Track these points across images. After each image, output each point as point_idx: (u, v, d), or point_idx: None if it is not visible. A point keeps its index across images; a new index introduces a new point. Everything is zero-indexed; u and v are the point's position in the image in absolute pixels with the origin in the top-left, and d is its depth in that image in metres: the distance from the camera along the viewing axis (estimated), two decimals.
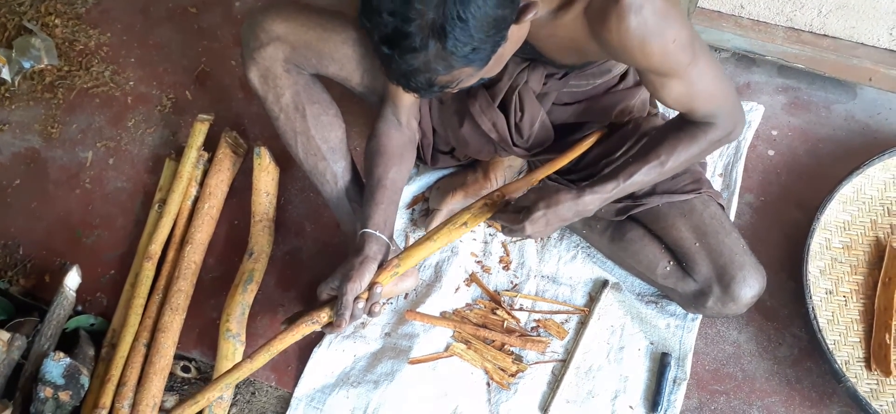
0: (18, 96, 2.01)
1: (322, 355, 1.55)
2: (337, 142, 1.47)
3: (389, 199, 1.34)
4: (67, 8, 2.15)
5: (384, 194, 1.33)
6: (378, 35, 0.93)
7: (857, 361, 1.45)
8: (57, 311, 1.56)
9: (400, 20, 0.90)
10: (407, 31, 0.91)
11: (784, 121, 1.78)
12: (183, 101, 1.97)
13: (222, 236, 1.74)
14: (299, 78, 1.42)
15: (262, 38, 1.37)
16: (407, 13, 0.90)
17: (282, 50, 1.38)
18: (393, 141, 1.39)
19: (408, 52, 0.93)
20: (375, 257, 1.26)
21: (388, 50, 0.94)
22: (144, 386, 1.48)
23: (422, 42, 0.92)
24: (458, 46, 0.92)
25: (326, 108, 1.46)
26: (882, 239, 1.55)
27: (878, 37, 1.67)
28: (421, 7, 0.89)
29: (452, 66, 0.95)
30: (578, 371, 1.50)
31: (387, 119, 1.40)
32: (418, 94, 1.03)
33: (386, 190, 1.34)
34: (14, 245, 1.78)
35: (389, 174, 1.35)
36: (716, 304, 1.40)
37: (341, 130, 1.48)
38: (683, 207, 1.41)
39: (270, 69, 1.39)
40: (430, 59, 0.94)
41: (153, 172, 1.84)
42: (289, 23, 1.37)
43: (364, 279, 1.22)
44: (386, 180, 1.34)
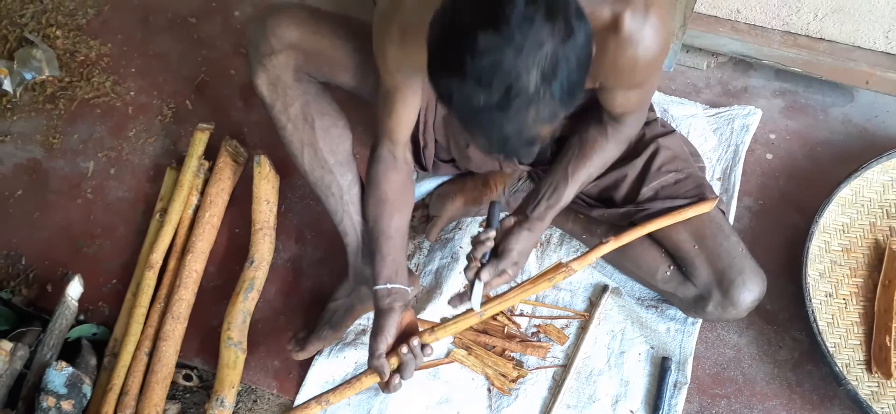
0: (20, 107, 2.02)
1: (323, 363, 1.55)
2: (344, 155, 1.45)
3: (397, 247, 1.35)
4: (68, 19, 2.17)
5: (391, 245, 1.34)
6: (483, 101, 0.86)
7: (858, 363, 1.45)
8: (59, 320, 1.57)
9: (511, 79, 0.84)
10: (518, 90, 0.84)
11: (782, 124, 1.78)
12: (183, 110, 1.98)
13: (223, 245, 1.74)
14: (309, 87, 1.39)
15: (274, 45, 1.33)
16: (515, 71, 0.83)
17: (294, 58, 1.35)
18: (393, 184, 1.37)
19: (519, 112, 0.86)
20: (392, 307, 1.28)
21: (499, 113, 0.86)
22: (146, 395, 1.49)
23: (534, 96, 0.85)
24: (565, 93, 0.88)
25: (336, 120, 1.44)
26: (881, 241, 1.55)
27: (875, 40, 1.68)
28: (528, 61, 0.83)
29: (557, 115, 0.89)
30: (579, 376, 1.50)
31: (384, 159, 1.36)
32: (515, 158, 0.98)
33: (391, 239, 1.34)
34: (16, 255, 1.78)
35: (393, 223, 1.35)
36: (716, 308, 1.40)
37: (349, 142, 1.46)
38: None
39: (280, 77, 1.36)
40: (541, 112, 0.87)
41: (154, 182, 1.85)
42: (302, 30, 1.33)
43: (389, 333, 1.25)
44: (390, 230, 1.34)
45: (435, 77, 0.90)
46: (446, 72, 0.87)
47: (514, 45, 0.82)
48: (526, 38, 0.82)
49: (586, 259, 1.31)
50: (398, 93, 1.26)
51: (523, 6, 0.82)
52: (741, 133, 1.74)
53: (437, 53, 0.89)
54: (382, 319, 1.27)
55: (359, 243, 1.50)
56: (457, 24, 0.85)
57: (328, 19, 1.35)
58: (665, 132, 1.52)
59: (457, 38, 0.85)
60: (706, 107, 1.81)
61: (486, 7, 0.83)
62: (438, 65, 0.89)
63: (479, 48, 0.83)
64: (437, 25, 0.89)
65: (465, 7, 0.85)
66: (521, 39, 0.82)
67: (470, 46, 0.83)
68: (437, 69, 0.89)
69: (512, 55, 0.83)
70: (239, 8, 2.15)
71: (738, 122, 1.76)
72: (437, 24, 0.89)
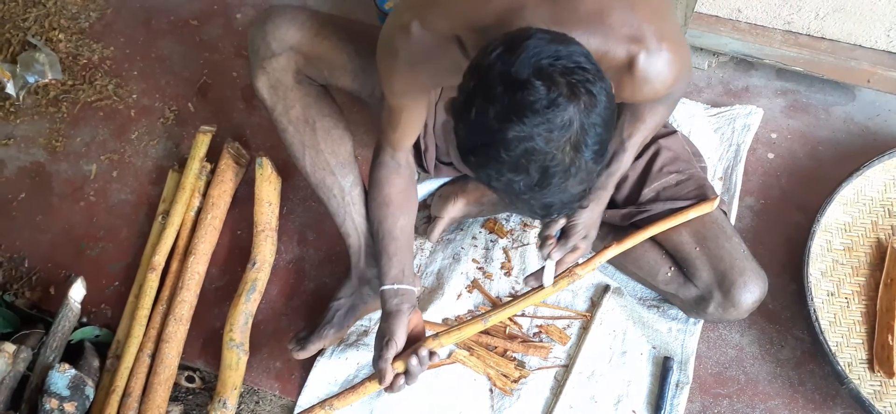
0: (23, 111, 2.03)
1: (325, 364, 1.55)
2: (346, 156, 1.46)
3: (403, 248, 1.35)
4: (71, 23, 2.17)
5: (397, 246, 1.34)
6: (523, 185, 0.88)
7: (860, 362, 1.45)
8: (62, 323, 1.57)
9: (546, 161, 0.85)
10: (555, 168, 0.86)
11: (783, 124, 1.78)
12: (185, 113, 1.98)
13: (225, 246, 1.75)
14: (310, 89, 1.40)
15: (274, 48, 1.33)
16: (550, 153, 0.85)
17: (295, 61, 1.35)
18: (396, 188, 1.37)
19: (558, 185, 0.88)
20: (400, 308, 1.28)
21: (539, 191, 0.89)
22: (149, 396, 1.49)
23: (569, 167, 0.87)
24: (597, 155, 0.89)
25: (336, 121, 1.44)
26: (883, 240, 1.55)
27: (876, 39, 1.68)
28: (560, 141, 0.85)
29: (592, 173, 0.91)
30: (581, 376, 1.50)
31: (386, 165, 1.37)
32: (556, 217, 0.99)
33: (397, 241, 1.35)
34: (19, 258, 1.79)
35: (398, 224, 1.36)
36: (717, 309, 1.40)
37: (350, 144, 1.47)
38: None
39: (281, 80, 1.36)
40: (578, 177, 0.89)
41: (156, 184, 1.86)
42: (303, 32, 1.33)
43: (399, 338, 1.25)
44: (396, 231, 1.35)
45: (471, 166, 0.91)
46: (482, 163, 0.89)
47: (543, 131, 0.83)
48: (554, 122, 0.83)
49: (591, 264, 1.31)
50: (404, 112, 1.27)
51: (546, 92, 0.83)
52: (743, 132, 1.74)
53: (468, 147, 0.89)
54: (391, 321, 1.27)
55: (361, 244, 1.50)
56: (484, 122, 0.85)
57: (329, 22, 1.36)
58: (666, 133, 1.52)
59: (486, 134, 0.86)
60: (707, 106, 1.81)
61: (508, 100, 0.84)
62: (472, 157, 0.89)
63: (511, 140, 0.84)
64: (461, 122, 0.89)
65: (487, 103, 0.85)
66: (549, 124, 0.83)
67: (502, 140, 0.84)
68: (472, 161, 0.90)
69: (543, 141, 0.84)
70: (241, 11, 2.15)
71: (739, 121, 1.76)
72: (461, 120, 0.89)
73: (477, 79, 0.87)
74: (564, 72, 0.84)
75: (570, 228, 1.31)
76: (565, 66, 0.84)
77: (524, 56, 0.84)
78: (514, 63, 0.84)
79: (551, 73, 0.83)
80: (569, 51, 0.86)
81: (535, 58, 0.84)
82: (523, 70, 0.83)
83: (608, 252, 1.32)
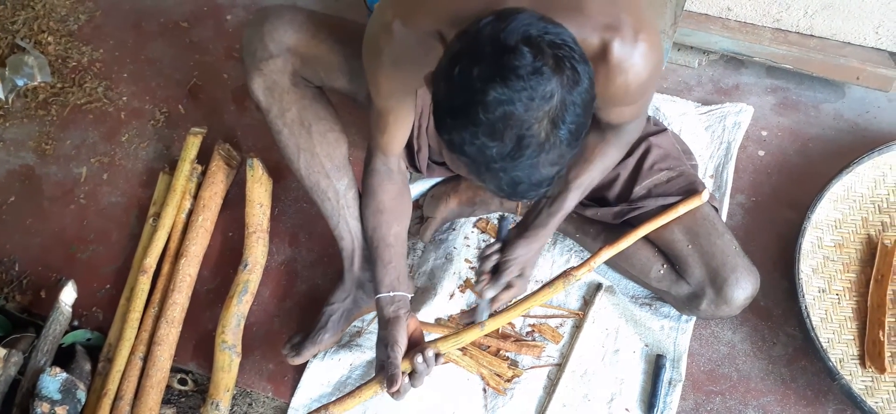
0: (12, 114, 2.02)
1: (318, 365, 1.55)
2: (341, 159, 1.45)
3: (398, 255, 1.35)
4: (60, 25, 2.16)
5: (391, 252, 1.34)
6: (495, 152, 0.87)
7: (852, 358, 1.46)
8: (53, 326, 1.56)
9: (523, 130, 0.85)
10: (529, 139, 0.86)
11: (773, 121, 1.79)
12: (176, 115, 1.97)
13: (217, 248, 1.74)
14: (306, 92, 1.39)
15: (271, 49, 1.32)
16: (527, 122, 0.85)
17: (291, 62, 1.34)
18: (389, 194, 1.37)
19: (530, 159, 0.87)
20: (397, 314, 1.28)
21: (510, 162, 0.88)
22: (141, 399, 1.48)
23: (544, 142, 0.87)
24: (573, 136, 0.89)
25: (332, 124, 1.43)
26: (873, 236, 1.56)
27: (865, 36, 1.69)
28: (539, 111, 0.84)
29: (564, 157, 0.90)
30: (574, 375, 1.50)
31: (378, 171, 1.37)
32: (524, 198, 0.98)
33: (391, 247, 1.34)
34: (10, 261, 1.78)
35: (392, 231, 1.35)
36: (709, 306, 1.40)
37: (345, 147, 1.46)
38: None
39: (277, 82, 1.35)
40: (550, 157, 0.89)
41: (147, 186, 1.85)
42: (300, 33, 1.32)
43: (401, 341, 1.25)
44: (390, 238, 1.35)
45: (445, 128, 0.90)
46: (458, 125, 0.87)
47: (524, 97, 0.83)
48: (536, 91, 0.83)
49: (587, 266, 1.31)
50: (391, 114, 1.27)
51: (531, 59, 0.83)
52: (733, 130, 1.75)
53: (446, 108, 0.89)
54: (391, 328, 1.26)
55: (354, 248, 1.50)
56: (466, 81, 0.85)
57: (325, 23, 1.35)
58: (657, 131, 1.52)
59: (467, 93, 0.85)
60: (698, 104, 1.82)
61: (494, 62, 0.84)
62: (448, 118, 0.89)
63: (491, 102, 0.84)
64: (443, 81, 0.89)
65: (472, 63, 0.85)
66: (531, 92, 0.83)
67: (481, 101, 0.84)
68: (448, 122, 0.89)
69: (523, 107, 0.84)
70: (231, 12, 2.15)
71: (729, 119, 1.77)
72: (443, 79, 0.89)
73: (464, 41, 0.88)
74: (552, 45, 0.85)
75: (503, 264, 1.33)
76: (553, 40, 0.85)
77: (514, 24, 0.85)
78: (503, 29, 0.85)
79: (539, 43, 0.84)
80: (557, 29, 0.87)
81: (524, 27, 0.84)
82: (512, 36, 0.84)
83: (603, 254, 1.32)
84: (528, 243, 1.36)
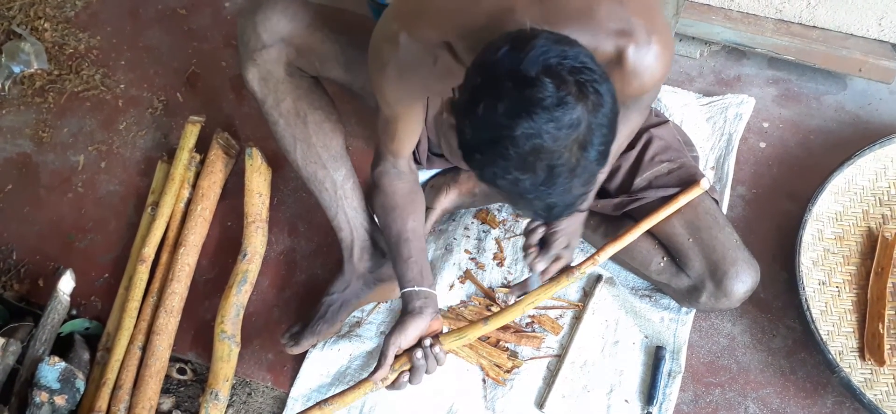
0: (9, 101, 2.00)
1: (318, 355, 1.55)
2: (338, 149, 1.44)
3: (417, 249, 1.33)
4: (56, 12, 2.15)
5: (410, 247, 1.32)
6: (529, 184, 0.87)
7: (851, 351, 1.46)
8: (51, 315, 1.56)
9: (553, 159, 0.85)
10: (560, 167, 0.86)
11: (775, 113, 1.78)
12: (174, 103, 1.96)
13: (215, 238, 1.74)
14: (301, 82, 1.38)
15: (265, 39, 1.31)
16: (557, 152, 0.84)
17: (286, 52, 1.33)
18: (400, 191, 1.36)
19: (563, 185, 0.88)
20: (420, 311, 1.25)
21: (544, 190, 0.88)
22: (140, 389, 1.48)
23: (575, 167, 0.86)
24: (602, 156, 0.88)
25: (328, 114, 1.42)
26: (874, 229, 1.56)
27: (868, 27, 1.68)
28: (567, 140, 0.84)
29: (595, 175, 0.91)
30: (573, 366, 1.50)
31: (388, 172, 1.36)
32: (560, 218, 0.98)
33: (410, 242, 1.32)
34: (7, 250, 1.77)
35: (408, 225, 1.33)
36: (709, 299, 1.40)
37: (342, 137, 1.45)
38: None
39: (272, 72, 1.34)
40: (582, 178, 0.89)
41: (145, 175, 1.84)
42: (295, 23, 1.31)
43: (407, 334, 1.22)
44: (406, 233, 1.33)
45: (475, 164, 0.89)
46: (488, 161, 0.87)
47: (552, 128, 0.83)
48: (562, 121, 0.83)
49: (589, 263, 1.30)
50: (400, 122, 1.26)
51: (555, 89, 0.82)
52: (734, 122, 1.74)
53: (474, 145, 0.88)
54: (407, 318, 1.24)
55: (353, 239, 1.50)
56: (492, 118, 0.84)
57: (320, 12, 1.34)
58: (658, 122, 1.52)
59: (494, 130, 0.84)
60: (699, 95, 1.81)
61: (518, 96, 0.83)
62: (477, 155, 0.88)
63: (519, 137, 0.83)
64: (467, 118, 0.88)
65: (496, 100, 0.84)
66: (557, 123, 0.83)
67: (510, 136, 0.84)
68: (477, 158, 0.88)
69: (551, 139, 0.83)
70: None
71: (731, 110, 1.76)
72: (466, 116, 0.88)
73: (483, 75, 0.86)
74: (572, 71, 0.84)
75: (551, 236, 1.31)
76: (573, 66, 0.84)
77: (532, 54, 0.84)
78: (522, 60, 0.83)
79: (560, 72, 0.83)
80: (574, 51, 0.86)
81: (543, 56, 0.83)
82: (532, 67, 0.83)
83: (607, 250, 1.32)
84: (573, 216, 1.34)
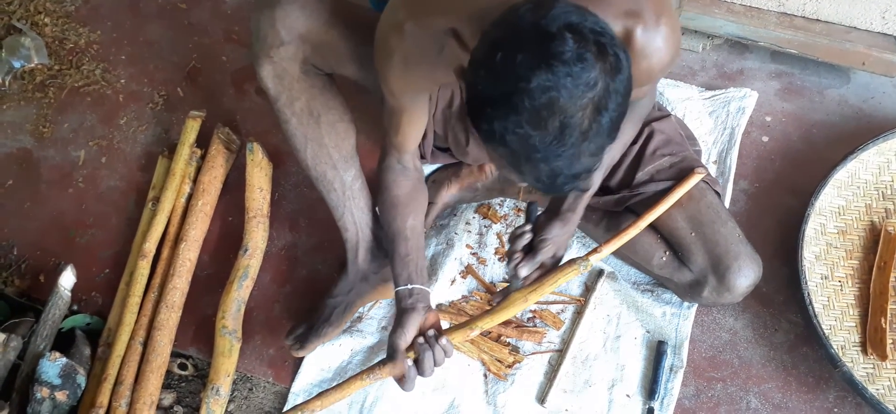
0: (9, 96, 2.00)
1: (319, 350, 1.55)
2: (349, 150, 1.43)
3: (415, 247, 1.33)
4: (56, 6, 2.14)
5: (408, 245, 1.32)
6: (538, 140, 0.85)
7: (853, 345, 1.46)
8: (52, 311, 1.56)
9: (566, 116, 0.83)
10: (573, 127, 0.84)
11: (777, 107, 1.77)
12: (174, 98, 1.96)
13: (216, 233, 1.73)
14: (316, 80, 1.36)
15: (283, 36, 1.28)
16: (571, 109, 0.83)
17: (302, 50, 1.30)
18: (403, 189, 1.36)
19: (572, 147, 0.85)
20: (415, 307, 1.25)
21: (552, 150, 0.86)
22: (141, 384, 1.48)
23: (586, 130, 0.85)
24: (613, 126, 0.87)
25: (342, 115, 1.41)
26: (877, 223, 1.55)
27: (871, 20, 1.67)
28: (583, 99, 0.83)
29: (603, 148, 0.89)
30: (575, 361, 1.50)
31: (393, 169, 1.36)
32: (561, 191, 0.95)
33: (408, 240, 1.32)
34: (8, 246, 1.77)
35: (408, 223, 1.33)
36: (711, 294, 1.40)
37: (354, 137, 1.44)
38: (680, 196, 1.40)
39: (288, 70, 1.32)
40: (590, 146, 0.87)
41: (146, 170, 1.84)
42: (313, 20, 1.28)
43: (407, 329, 1.22)
44: (406, 231, 1.33)
45: (485, 118, 0.87)
46: (500, 114, 0.85)
47: (569, 83, 0.82)
48: (580, 77, 0.82)
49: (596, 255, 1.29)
50: (405, 114, 1.25)
51: (574, 45, 0.82)
52: (737, 116, 1.73)
53: (486, 97, 0.86)
54: (403, 315, 1.25)
55: (359, 240, 1.49)
56: (509, 68, 0.83)
57: (336, 8, 1.31)
58: (660, 116, 1.51)
59: (510, 81, 0.83)
60: (702, 89, 1.80)
61: (538, 48, 0.82)
62: (489, 108, 0.86)
63: (535, 89, 0.82)
64: (483, 69, 0.87)
65: (515, 50, 0.83)
66: (575, 79, 0.82)
67: (526, 89, 0.82)
68: (488, 112, 0.86)
69: (567, 95, 0.82)
70: None
71: (733, 104, 1.75)
72: (483, 67, 0.87)
73: (504, 28, 0.86)
74: (593, 32, 0.83)
75: (539, 244, 1.31)
76: (593, 28, 0.84)
77: (555, 11, 0.83)
78: (544, 16, 0.83)
79: (581, 30, 0.83)
80: (595, 17, 0.85)
81: (565, 15, 0.83)
82: (553, 23, 0.82)
83: (611, 245, 1.31)
84: (563, 225, 1.33)
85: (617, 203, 1.48)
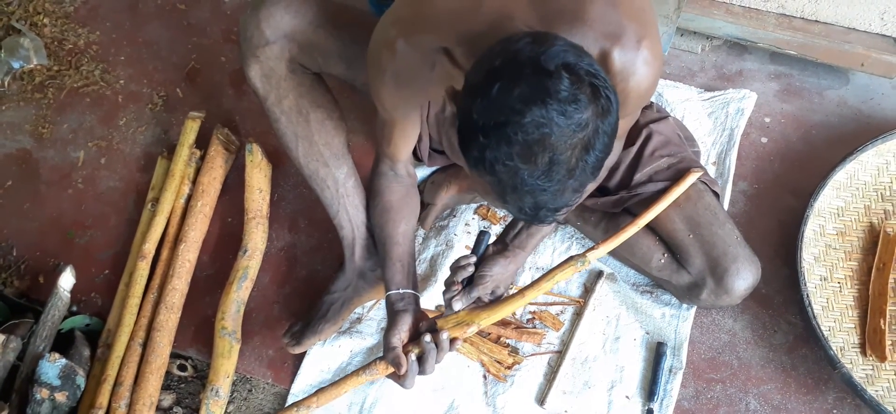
0: (8, 97, 2.00)
1: (318, 352, 1.55)
2: (339, 147, 1.44)
3: (407, 252, 1.34)
4: (56, 7, 2.14)
5: (399, 250, 1.33)
6: (527, 174, 0.86)
7: (853, 347, 1.46)
8: (51, 312, 1.56)
9: (556, 153, 0.85)
10: (560, 163, 0.85)
11: (777, 108, 1.78)
12: (174, 98, 1.96)
13: (216, 234, 1.73)
14: (304, 79, 1.37)
15: (268, 35, 1.30)
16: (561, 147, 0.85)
17: (289, 49, 1.31)
18: (396, 194, 1.37)
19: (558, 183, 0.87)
20: (406, 309, 1.25)
21: (539, 185, 0.87)
22: (141, 385, 1.48)
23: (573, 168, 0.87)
24: (598, 165, 0.89)
25: (330, 112, 1.42)
26: (876, 224, 1.55)
27: (870, 22, 1.67)
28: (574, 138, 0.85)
29: (585, 186, 0.91)
30: (574, 362, 1.50)
31: (385, 175, 1.37)
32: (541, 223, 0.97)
33: (399, 246, 1.34)
34: (7, 247, 1.77)
35: (399, 229, 1.35)
36: (710, 296, 1.40)
37: (344, 134, 1.45)
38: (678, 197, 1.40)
39: (274, 69, 1.33)
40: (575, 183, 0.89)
41: (145, 171, 1.84)
42: (298, 19, 1.30)
43: (402, 330, 1.22)
44: (397, 236, 1.34)
45: (475, 146, 0.88)
46: (491, 144, 0.86)
47: (562, 122, 0.84)
48: (572, 117, 0.84)
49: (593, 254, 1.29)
50: (397, 126, 1.27)
51: (570, 85, 0.83)
52: (736, 117, 1.74)
53: (478, 126, 0.87)
54: (396, 317, 1.25)
55: (355, 237, 1.50)
56: (505, 99, 0.85)
57: (323, 7, 1.32)
58: (659, 117, 1.51)
59: (505, 112, 0.84)
60: (701, 91, 1.80)
61: (535, 84, 0.84)
62: (481, 136, 0.87)
63: (528, 123, 0.83)
64: (480, 97, 0.87)
65: (513, 82, 0.85)
66: (568, 117, 0.84)
67: (519, 122, 0.84)
68: (479, 140, 0.87)
69: (559, 132, 0.84)
70: None
71: (732, 105, 1.75)
72: (480, 95, 0.87)
73: (503, 58, 0.87)
74: (588, 74, 0.85)
75: (478, 278, 1.32)
76: (589, 70, 0.86)
77: (553, 50, 0.85)
78: (543, 52, 0.85)
79: (578, 70, 0.85)
80: (589, 58, 0.88)
81: (563, 54, 0.85)
82: (551, 61, 0.84)
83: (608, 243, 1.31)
84: (506, 263, 1.37)
85: (615, 204, 1.48)
